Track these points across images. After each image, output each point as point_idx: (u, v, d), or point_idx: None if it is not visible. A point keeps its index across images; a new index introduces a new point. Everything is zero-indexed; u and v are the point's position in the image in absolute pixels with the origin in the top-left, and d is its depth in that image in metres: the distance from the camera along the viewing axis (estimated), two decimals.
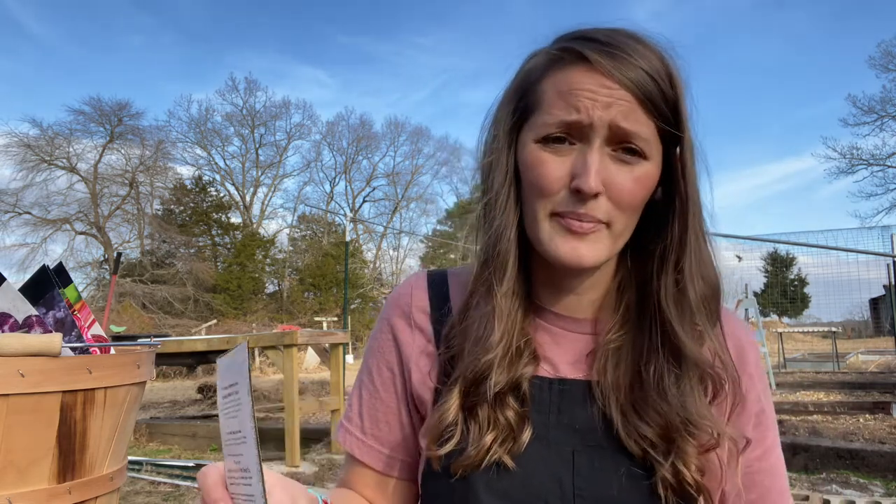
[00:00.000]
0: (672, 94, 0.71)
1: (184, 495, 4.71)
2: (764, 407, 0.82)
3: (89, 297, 27.17)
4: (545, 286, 0.81)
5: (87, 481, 1.22)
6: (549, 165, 0.72)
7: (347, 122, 39.88)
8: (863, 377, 10.29)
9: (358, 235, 35.64)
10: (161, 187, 33.36)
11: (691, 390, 0.73)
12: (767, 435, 0.82)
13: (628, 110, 0.69)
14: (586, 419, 0.75)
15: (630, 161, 0.71)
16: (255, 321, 26.45)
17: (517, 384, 0.76)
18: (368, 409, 0.87)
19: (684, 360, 0.73)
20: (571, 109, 0.70)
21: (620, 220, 0.73)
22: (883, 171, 29.32)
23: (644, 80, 0.69)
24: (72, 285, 1.46)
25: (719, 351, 0.75)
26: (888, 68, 28.36)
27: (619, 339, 0.78)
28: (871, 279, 14.06)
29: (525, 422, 0.74)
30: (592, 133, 0.70)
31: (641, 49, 0.71)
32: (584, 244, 0.72)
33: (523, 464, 0.73)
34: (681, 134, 0.72)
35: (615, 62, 0.69)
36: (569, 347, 0.81)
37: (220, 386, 0.62)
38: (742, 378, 0.79)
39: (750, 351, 0.83)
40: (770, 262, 23.20)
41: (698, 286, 0.74)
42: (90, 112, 29.70)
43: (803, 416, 6.81)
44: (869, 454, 4.66)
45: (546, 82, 0.74)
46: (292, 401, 5.20)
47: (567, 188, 0.71)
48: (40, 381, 1.12)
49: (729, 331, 0.81)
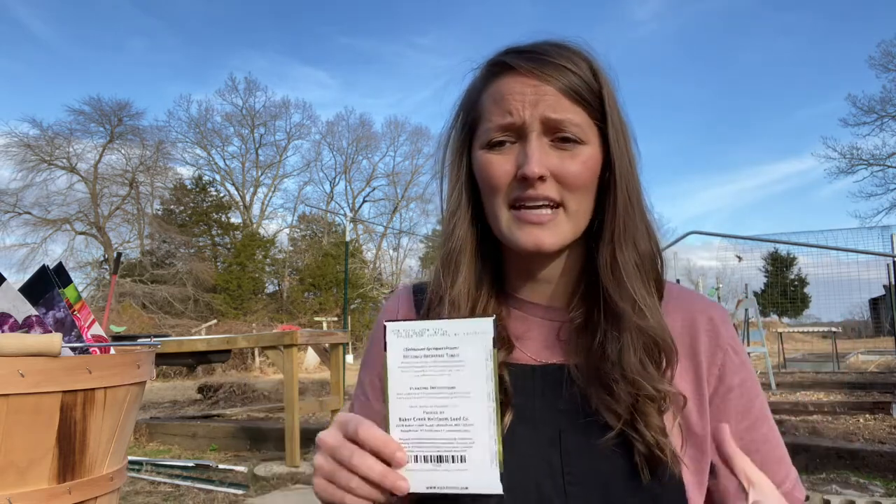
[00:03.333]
0: (595, 83, 0.79)
1: (184, 495, 4.70)
2: (745, 378, 0.84)
3: (89, 297, 27.17)
4: (518, 277, 0.87)
5: (87, 481, 1.22)
6: (495, 164, 0.80)
7: (347, 122, 39.89)
8: (863, 377, 10.29)
9: (358, 235, 35.65)
10: (161, 187, 33.39)
11: (630, 352, 0.77)
12: (753, 405, 0.84)
13: (555, 103, 0.77)
14: (568, 400, 0.79)
15: (568, 147, 0.78)
16: (255, 321, 26.43)
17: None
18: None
19: (623, 325, 0.78)
20: (505, 113, 0.79)
21: (573, 200, 0.79)
22: (883, 171, 29.35)
23: (565, 75, 0.78)
24: (72, 285, 1.46)
25: (661, 319, 0.79)
26: (888, 68, 28.39)
27: (579, 318, 0.83)
28: (871, 279, 14.08)
29: (507, 406, 0.78)
30: (527, 129, 0.78)
31: (561, 51, 0.80)
32: (542, 230, 0.78)
33: (512, 448, 0.75)
34: (607, 117, 0.80)
35: (536, 64, 0.78)
36: (545, 333, 0.85)
37: (417, 346, 0.68)
38: (717, 353, 0.83)
39: (721, 326, 0.86)
40: (770, 262, 23.17)
41: (629, 254, 0.80)
42: (90, 112, 29.72)
43: (803, 416, 6.81)
44: (869, 454, 4.66)
45: (483, 96, 0.83)
46: (292, 401, 5.20)
47: (515, 178, 0.79)
48: (40, 381, 1.12)
49: (699, 307, 0.86)
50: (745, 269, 14.32)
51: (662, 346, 0.78)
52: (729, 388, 0.83)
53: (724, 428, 0.70)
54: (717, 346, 0.84)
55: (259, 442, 6.41)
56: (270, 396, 10.16)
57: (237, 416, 8.18)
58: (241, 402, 9.79)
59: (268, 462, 5.45)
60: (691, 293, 0.89)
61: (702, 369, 0.82)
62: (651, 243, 0.82)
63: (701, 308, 0.86)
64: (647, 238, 0.82)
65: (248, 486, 4.80)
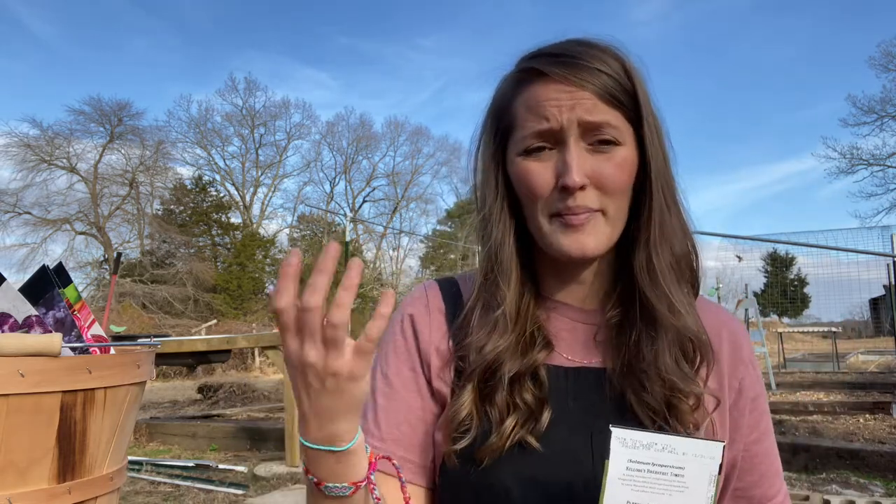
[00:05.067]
0: (629, 83, 0.78)
1: (184, 495, 4.70)
2: (759, 393, 0.87)
3: (89, 297, 27.16)
4: (553, 280, 0.86)
5: (87, 481, 1.22)
6: (535, 173, 0.78)
7: (347, 122, 39.87)
8: (863, 377, 10.30)
9: (358, 235, 35.65)
10: (161, 187, 33.39)
11: (665, 351, 0.78)
12: (762, 419, 0.87)
13: (591, 106, 0.76)
14: (602, 402, 0.80)
15: (606, 150, 0.77)
16: (255, 321, 26.43)
17: (533, 370, 0.80)
18: (386, 413, 0.85)
19: (659, 324, 0.79)
20: (541, 119, 0.77)
21: (612, 205, 0.79)
22: (883, 171, 29.34)
23: (599, 77, 0.77)
24: (72, 285, 1.46)
25: (697, 318, 0.81)
26: (888, 68, 28.38)
27: (615, 319, 0.84)
28: (871, 279, 14.06)
29: (544, 404, 0.78)
30: (565, 134, 0.77)
31: (593, 52, 0.78)
32: (584, 234, 0.78)
33: (546, 446, 0.76)
34: (642, 117, 0.79)
35: (570, 69, 0.77)
36: (580, 336, 0.85)
37: (642, 459, 0.65)
38: (738, 366, 0.86)
39: (744, 340, 0.89)
40: (770, 262, 23.16)
41: (665, 257, 0.80)
42: (90, 112, 29.73)
43: (803, 416, 6.81)
44: (869, 454, 4.66)
45: (516, 102, 0.82)
46: (292, 401, 5.18)
47: (556, 188, 0.78)
48: (40, 381, 1.12)
49: (723, 319, 0.88)
50: (744, 269, 14.34)
51: (697, 343, 0.80)
52: (746, 402, 0.86)
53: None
54: (740, 359, 0.86)
55: (259, 442, 6.41)
56: (270, 396, 10.16)
57: (237, 416, 8.18)
58: (241, 402, 9.79)
59: (268, 462, 5.45)
60: (716, 305, 0.92)
61: (724, 379, 0.85)
62: (688, 243, 0.83)
63: (725, 320, 0.89)
64: (684, 239, 0.82)
65: (248, 486, 4.80)
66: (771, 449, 0.88)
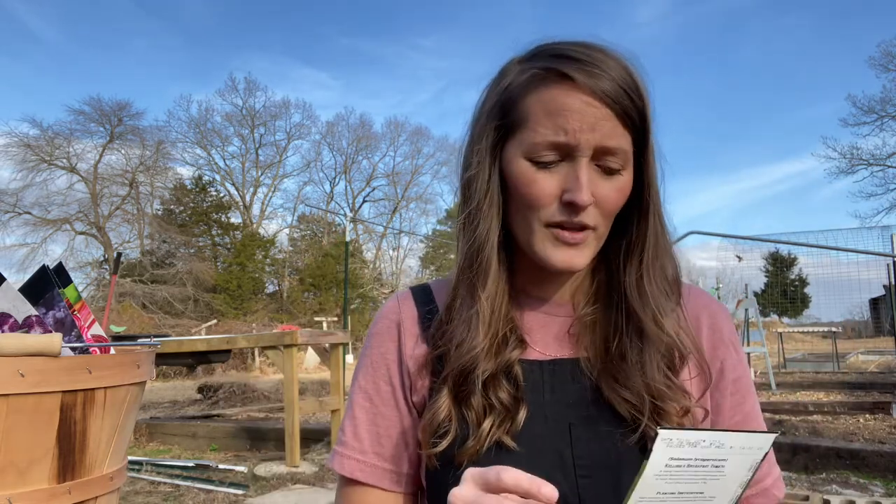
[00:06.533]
0: (640, 104, 0.76)
1: (184, 495, 4.70)
2: (741, 374, 0.87)
3: (89, 297, 27.17)
4: (529, 277, 0.87)
5: (87, 481, 1.22)
6: (541, 183, 0.77)
7: (347, 122, 39.89)
8: (863, 377, 10.30)
9: (358, 235, 35.65)
10: (161, 187, 33.37)
11: (651, 361, 0.78)
12: (746, 401, 0.87)
13: (610, 129, 0.75)
14: (578, 393, 0.80)
15: (612, 173, 0.77)
16: (255, 321, 26.42)
17: (507, 368, 0.80)
18: (367, 426, 0.87)
19: (646, 337, 0.80)
20: (560, 130, 0.74)
21: (603, 224, 0.80)
22: (883, 171, 29.34)
23: (620, 96, 0.74)
24: (72, 285, 1.46)
25: (683, 326, 0.82)
26: (888, 68, 28.38)
27: (592, 314, 0.85)
28: (871, 279, 14.06)
29: (520, 402, 0.78)
30: (578, 152, 0.75)
31: (612, 63, 0.75)
32: (576, 252, 0.78)
33: (524, 443, 0.76)
34: (647, 142, 0.78)
35: (595, 80, 0.74)
36: (553, 329, 0.86)
37: (683, 456, 0.62)
38: (719, 347, 0.86)
39: (724, 322, 0.89)
40: (770, 262, 23.12)
41: (657, 278, 0.82)
42: (90, 112, 29.70)
43: (803, 416, 6.81)
44: (869, 454, 4.66)
45: (530, 99, 0.78)
46: (292, 401, 5.20)
47: (558, 200, 0.77)
48: (40, 381, 1.12)
49: (703, 303, 0.89)
50: (745, 269, 14.34)
51: (680, 349, 0.81)
52: (727, 383, 0.86)
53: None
54: (720, 340, 0.87)
55: (259, 442, 6.41)
56: (270, 396, 10.16)
57: (237, 416, 8.18)
58: (241, 402, 9.79)
59: (268, 462, 5.45)
60: (697, 290, 0.92)
61: (705, 364, 0.85)
62: (675, 259, 0.84)
63: (704, 304, 0.89)
64: (672, 257, 0.84)
65: (248, 486, 4.80)
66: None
